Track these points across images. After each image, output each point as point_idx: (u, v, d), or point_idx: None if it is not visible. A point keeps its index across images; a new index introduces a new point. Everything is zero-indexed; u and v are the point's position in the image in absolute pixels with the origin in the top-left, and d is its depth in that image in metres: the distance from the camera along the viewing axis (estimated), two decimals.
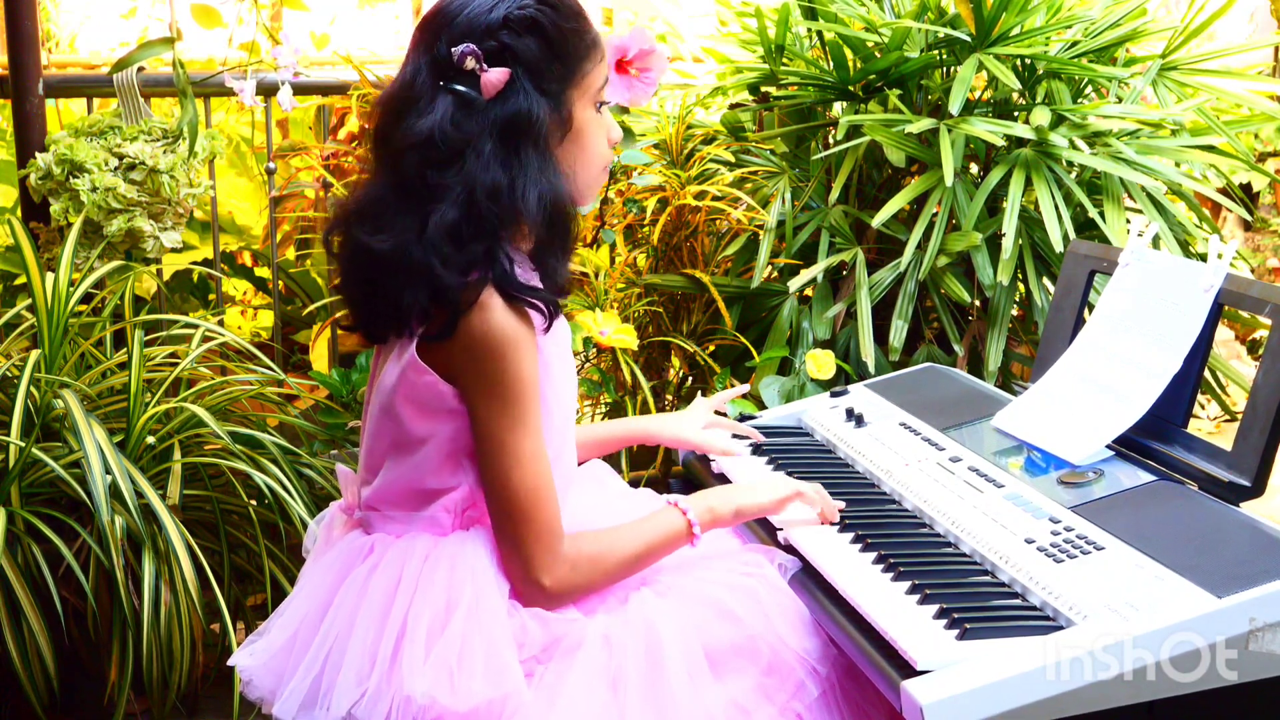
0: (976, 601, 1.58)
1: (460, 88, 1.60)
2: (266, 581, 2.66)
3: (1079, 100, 2.89)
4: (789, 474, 2.00)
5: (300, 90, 3.10)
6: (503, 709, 1.54)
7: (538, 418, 1.61)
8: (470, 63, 1.59)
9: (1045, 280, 2.78)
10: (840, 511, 1.84)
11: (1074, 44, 2.87)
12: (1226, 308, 1.87)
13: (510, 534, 1.61)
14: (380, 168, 1.65)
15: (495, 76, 1.59)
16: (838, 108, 3.00)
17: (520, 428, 1.59)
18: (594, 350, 2.80)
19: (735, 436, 2.15)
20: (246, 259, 3.85)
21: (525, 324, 1.60)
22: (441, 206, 1.57)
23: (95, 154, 2.93)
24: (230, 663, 1.72)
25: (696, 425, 2.13)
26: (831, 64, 2.95)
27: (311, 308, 3.29)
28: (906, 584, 1.62)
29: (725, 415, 2.22)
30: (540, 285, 1.63)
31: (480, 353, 1.58)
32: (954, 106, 2.65)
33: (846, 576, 1.66)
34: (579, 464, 1.88)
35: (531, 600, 1.62)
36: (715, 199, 2.87)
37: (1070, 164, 2.78)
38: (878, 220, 2.72)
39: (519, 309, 1.59)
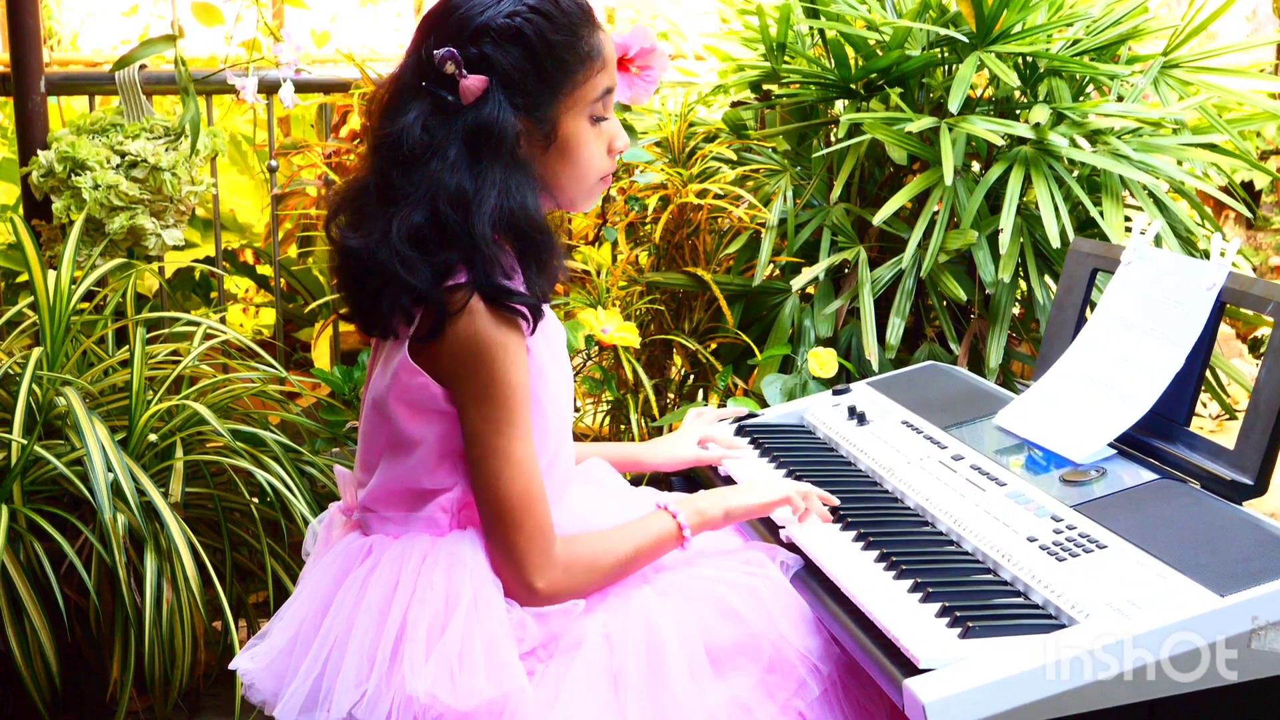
0: (978, 600, 1.58)
1: (439, 91, 1.58)
2: (268, 579, 2.66)
3: (1080, 98, 2.89)
4: (790, 473, 2.00)
5: (302, 88, 3.10)
6: (504, 707, 1.54)
7: (527, 421, 1.60)
8: (450, 67, 1.57)
9: (1046, 278, 2.78)
10: (841, 510, 1.84)
11: (1075, 42, 2.86)
12: (1228, 306, 1.87)
13: (502, 537, 1.60)
14: (366, 162, 1.65)
15: (473, 83, 1.57)
16: (839, 106, 3.00)
17: (510, 431, 1.59)
18: (596, 348, 2.80)
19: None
20: (248, 256, 3.85)
21: (512, 329, 1.59)
22: (406, 209, 1.56)
23: (97, 151, 2.93)
24: (232, 666, 1.72)
25: (689, 442, 2.11)
26: (833, 62, 2.95)
27: (313, 305, 3.29)
28: (909, 582, 1.63)
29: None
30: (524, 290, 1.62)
31: (468, 358, 1.57)
32: (953, 105, 2.65)
33: (849, 575, 1.66)
34: None
35: (526, 604, 1.62)
36: (717, 197, 2.87)
37: (1071, 162, 2.78)
38: (878, 218, 2.71)
39: (504, 314, 1.58)
